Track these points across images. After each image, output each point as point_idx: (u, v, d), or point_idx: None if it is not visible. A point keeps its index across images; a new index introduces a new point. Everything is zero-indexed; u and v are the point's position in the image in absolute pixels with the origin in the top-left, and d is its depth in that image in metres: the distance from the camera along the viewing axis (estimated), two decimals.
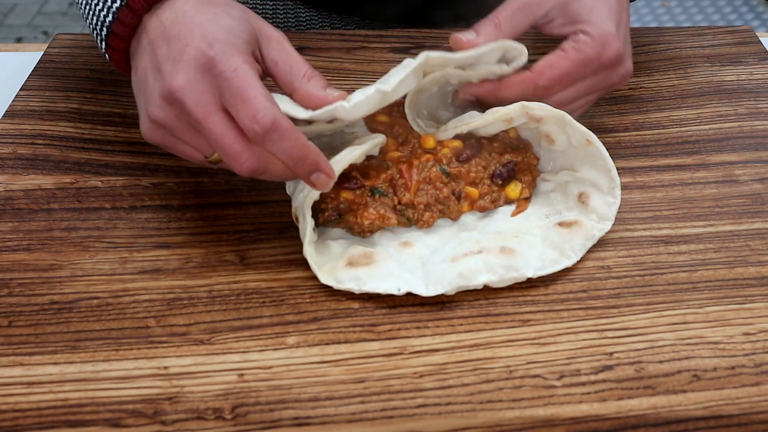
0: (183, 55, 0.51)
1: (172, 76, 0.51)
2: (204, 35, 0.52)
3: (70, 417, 0.46)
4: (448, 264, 0.53)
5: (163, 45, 0.53)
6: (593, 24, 0.59)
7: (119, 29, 0.55)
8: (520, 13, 0.61)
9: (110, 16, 0.55)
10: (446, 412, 0.46)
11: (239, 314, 0.52)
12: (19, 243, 0.57)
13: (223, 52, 0.51)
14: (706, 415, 0.47)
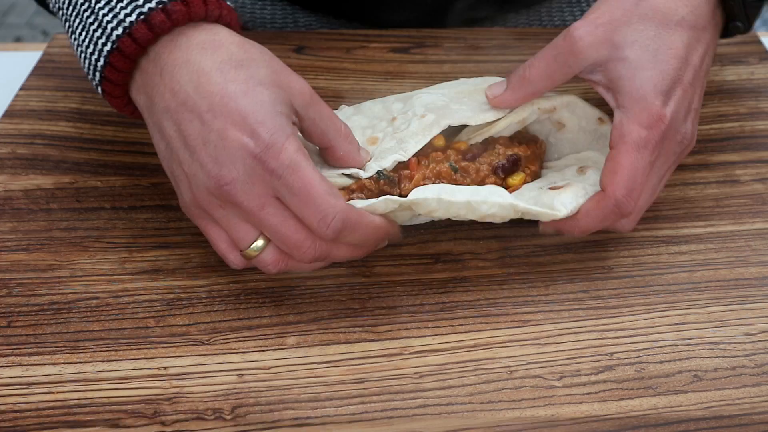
0: (224, 142, 0.48)
1: (218, 169, 0.48)
2: (244, 117, 0.48)
3: (69, 417, 0.46)
4: None
5: (193, 120, 0.49)
6: (633, 99, 0.52)
7: (112, 75, 0.52)
8: (555, 65, 0.54)
9: (101, 60, 0.52)
10: (446, 413, 0.46)
11: (239, 314, 0.52)
12: (18, 243, 0.57)
13: (271, 145, 0.47)
14: (707, 415, 0.47)
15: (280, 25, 0.90)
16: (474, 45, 0.78)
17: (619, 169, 0.51)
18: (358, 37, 0.80)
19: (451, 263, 0.56)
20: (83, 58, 0.54)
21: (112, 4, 0.51)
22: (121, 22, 0.50)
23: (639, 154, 0.52)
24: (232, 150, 0.47)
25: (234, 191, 0.48)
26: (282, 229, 0.49)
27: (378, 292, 0.54)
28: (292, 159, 0.47)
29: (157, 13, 0.50)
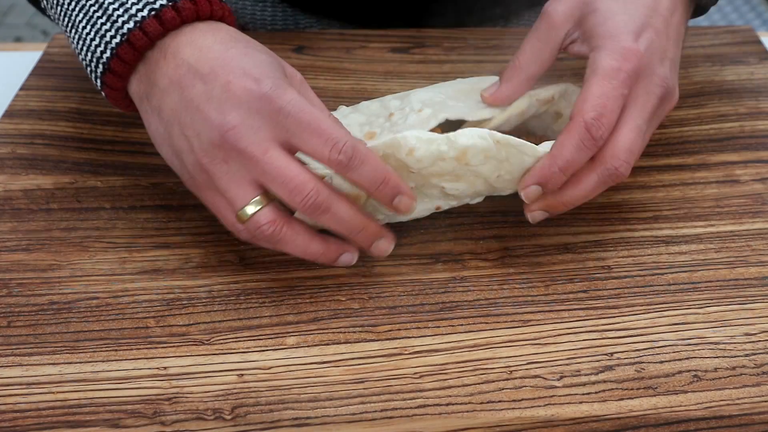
0: (228, 93, 0.49)
1: (222, 117, 0.49)
2: (246, 71, 0.49)
3: (69, 417, 0.46)
4: None
5: (196, 83, 0.50)
6: (605, 38, 0.54)
7: (118, 67, 0.53)
8: (539, 44, 0.57)
9: (108, 52, 0.53)
10: (446, 413, 0.46)
11: (239, 314, 0.52)
12: (18, 243, 0.57)
13: (276, 86, 0.49)
14: (707, 415, 0.47)
15: (281, 27, 0.90)
16: (474, 45, 0.78)
17: (588, 96, 0.52)
18: (358, 37, 0.80)
19: (451, 263, 0.56)
20: (85, 50, 0.54)
21: (123, 0, 0.53)
22: (133, 16, 0.52)
23: (609, 82, 0.53)
24: (237, 95, 0.49)
25: (238, 135, 0.48)
26: (285, 172, 0.48)
27: (378, 292, 0.54)
28: (298, 98, 0.49)
29: (168, 10, 0.52)
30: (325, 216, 0.50)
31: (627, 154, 0.53)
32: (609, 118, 0.52)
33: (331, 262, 0.53)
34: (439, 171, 0.53)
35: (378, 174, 0.50)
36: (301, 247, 0.51)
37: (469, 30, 0.81)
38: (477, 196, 0.57)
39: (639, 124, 0.54)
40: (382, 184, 0.50)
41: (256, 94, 0.49)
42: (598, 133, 0.52)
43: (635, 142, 0.53)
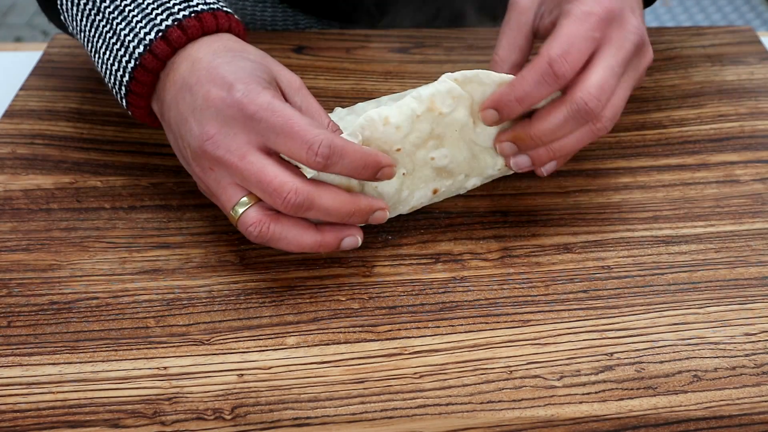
0: (206, 102, 0.50)
1: (200, 129, 0.50)
2: (223, 78, 0.50)
3: (69, 417, 0.46)
4: None
5: (185, 96, 0.52)
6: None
7: (137, 88, 0.55)
8: (513, 33, 0.58)
9: (126, 76, 0.55)
10: (446, 413, 0.46)
11: (239, 314, 0.52)
12: (18, 243, 0.57)
13: (248, 91, 0.50)
14: (707, 415, 0.47)
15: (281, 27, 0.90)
16: (474, 45, 0.78)
17: (557, 35, 0.53)
18: (358, 37, 0.80)
19: (451, 263, 0.56)
20: (108, 74, 0.57)
21: (132, 24, 0.55)
22: (142, 40, 0.54)
23: (580, 24, 0.53)
24: (214, 105, 0.50)
25: (215, 145, 0.50)
26: (262, 176, 0.49)
27: (378, 292, 0.54)
28: (270, 101, 0.49)
29: (173, 30, 0.54)
30: (311, 212, 0.50)
31: (597, 89, 0.52)
32: (575, 57, 0.52)
33: (335, 249, 0.53)
34: (420, 136, 0.53)
35: (358, 161, 0.50)
36: (294, 241, 0.51)
37: (469, 30, 0.81)
38: (470, 171, 0.57)
39: (611, 65, 0.53)
40: (363, 168, 0.50)
41: (228, 101, 0.50)
42: (560, 69, 0.52)
43: (607, 81, 0.53)
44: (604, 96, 0.53)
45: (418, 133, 0.53)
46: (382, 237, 0.58)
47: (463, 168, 0.56)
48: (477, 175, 0.57)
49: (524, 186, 0.62)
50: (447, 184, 0.57)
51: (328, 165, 0.49)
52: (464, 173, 0.57)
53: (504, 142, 0.55)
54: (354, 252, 0.57)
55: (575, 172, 0.64)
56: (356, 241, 0.53)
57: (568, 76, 0.52)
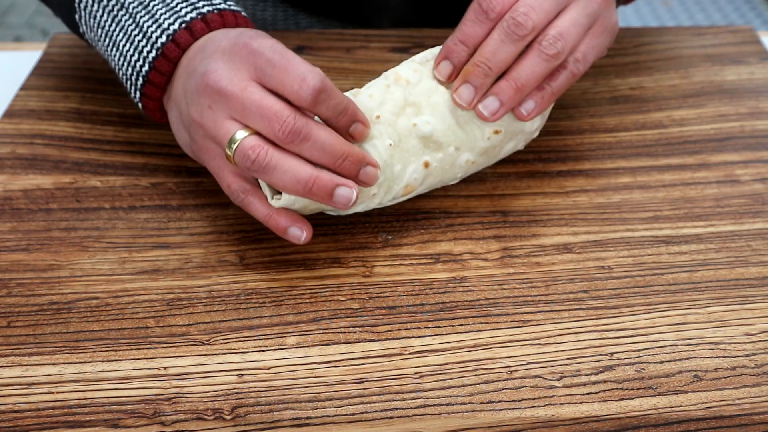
0: (216, 49, 0.53)
1: (205, 68, 0.52)
2: (230, 36, 0.53)
3: (69, 418, 0.46)
4: None
5: (197, 55, 0.54)
6: None
7: (155, 77, 0.57)
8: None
9: (146, 66, 0.57)
10: (446, 413, 0.46)
11: (239, 314, 0.52)
12: (17, 243, 0.57)
13: (255, 35, 0.52)
14: (707, 415, 0.47)
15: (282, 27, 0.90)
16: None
17: None
18: (358, 37, 0.80)
19: (451, 263, 0.56)
20: (126, 65, 0.58)
21: (156, 17, 0.57)
22: (165, 30, 0.56)
23: None
24: (222, 48, 0.52)
25: (217, 77, 0.51)
26: (262, 103, 0.50)
27: (378, 292, 0.54)
28: (274, 43, 0.51)
29: (197, 22, 0.56)
30: (306, 144, 0.50)
31: (526, 6, 0.54)
32: None
33: (328, 197, 0.51)
34: (396, 104, 0.55)
35: (341, 104, 0.51)
36: (290, 171, 0.50)
37: None
38: (458, 143, 0.56)
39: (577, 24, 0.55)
40: (343, 113, 0.51)
41: (237, 41, 0.52)
42: (488, 5, 0.54)
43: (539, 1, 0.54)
44: (535, 12, 0.54)
45: (393, 102, 0.55)
46: (382, 237, 0.58)
47: (450, 138, 0.56)
48: (468, 149, 0.57)
49: (524, 186, 0.62)
50: (438, 158, 0.56)
51: (317, 101, 0.50)
52: (453, 145, 0.56)
53: (458, 88, 0.55)
54: (354, 252, 0.57)
55: (575, 172, 0.64)
56: (350, 194, 0.51)
57: (497, 10, 0.54)
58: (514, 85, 0.55)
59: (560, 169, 0.64)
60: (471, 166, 0.58)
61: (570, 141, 0.67)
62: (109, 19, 0.59)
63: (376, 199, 0.55)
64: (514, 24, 0.54)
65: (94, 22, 0.61)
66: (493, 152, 0.59)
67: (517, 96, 0.55)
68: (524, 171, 0.64)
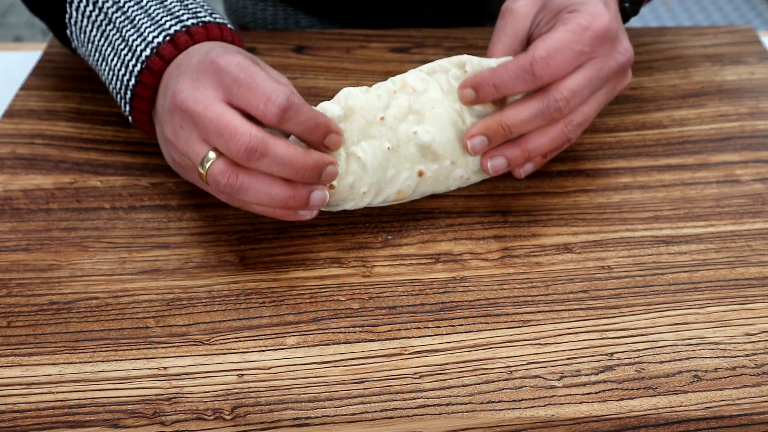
0: (184, 70, 0.53)
1: (175, 87, 0.52)
2: (201, 53, 0.53)
3: (69, 418, 0.46)
4: None
5: (173, 72, 0.54)
6: (578, 3, 0.57)
7: (142, 91, 0.57)
8: (508, 40, 0.59)
9: (132, 80, 0.57)
10: (446, 413, 0.46)
11: (239, 314, 0.52)
12: (17, 243, 0.57)
13: (224, 52, 0.52)
14: (707, 415, 0.47)
15: (282, 27, 0.90)
16: (474, 45, 0.78)
17: (549, 39, 0.55)
18: (358, 37, 0.80)
19: (451, 263, 0.56)
20: (115, 80, 0.59)
21: (141, 30, 0.57)
22: (149, 43, 0.56)
23: (573, 35, 0.55)
24: (191, 67, 0.53)
25: (184, 96, 0.51)
26: (219, 121, 0.49)
27: (378, 292, 0.54)
28: (241, 61, 0.51)
29: (181, 35, 0.56)
30: (265, 160, 0.50)
31: (569, 92, 0.55)
32: (558, 64, 0.54)
33: (304, 205, 0.52)
34: (400, 110, 0.55)
35: (310, 120, 0.51)
36: (263, 192, 0.50)
37: (469, 30, 0.81)
38: (455, 157, 0.57)
39: (591, 76, 0.56)
40: (315, 127, 0.51)
41: (204, 59, 0.52)
42: (540, 71, 0.54)
43: (581, 86, 0.55)
44: (575, 100, 0.55)
45: (397, 106, 0.55)
46: (382, 237, 0.58)
47: (447, 151, 0.56)
48: (463, 165, 0.57)
49: (524, 186, 0.62)
50: (433, 169, 0.57)
51: (283, 119, 0.50)
52: (450, 159, 0.57)
53: (475, 137, 0.56)
54: (354, 252, 0.57)
55: (575, 172, 0.64)
56: (324, 196, 0.52)
57: (545, 80, 0.54)
58: (527, 155, 0.57)
59: (560, 169, 0.64)
60: (464, 182, 0.59)
61: None
62: (98, 33, 0.60)
63: (366, 199, 0.56)
64: (555, 108, 0.55)
65: (84, 37, 0.61)
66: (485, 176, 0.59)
67: (523, 162, 0.57)
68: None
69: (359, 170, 0.54)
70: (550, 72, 0.54)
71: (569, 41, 0.55)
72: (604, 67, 0.56)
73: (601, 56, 0.56)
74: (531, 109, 0.55)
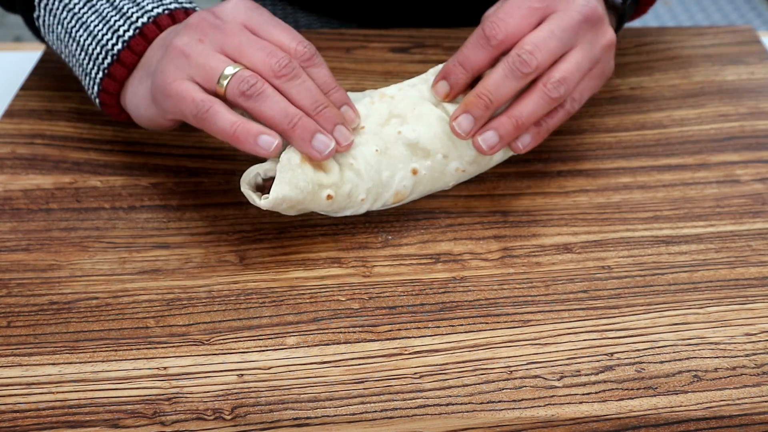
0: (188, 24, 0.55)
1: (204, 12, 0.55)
2: None
3: (69, 418, 0.46)
4: None
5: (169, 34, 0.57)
6: None
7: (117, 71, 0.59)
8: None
9: (109, 58, 0.58)
10: (446, 413, 0.46)
11: (239, 314, 0.52)
12: (17, 243, 0.57)
13: None
14: (707, 415, 0.47)
15: None
16: None
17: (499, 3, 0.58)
18: (358, 37, 0.80)
19: (451, 263, 0.56)
20: (87, 59, 0.60)
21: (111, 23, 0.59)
22: (133, 24, 0.58)
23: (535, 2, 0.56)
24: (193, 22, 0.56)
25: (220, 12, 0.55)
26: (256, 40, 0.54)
27: (378, 292, 0.54)
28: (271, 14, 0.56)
29: (164, 17, 0.58)
30: (296, 81, 0.53)
31: (531, 44, 0.55)
32: (510, 21, 0.55)
33: (308, 139, 0.52)
34: (381, 117, 0.56)
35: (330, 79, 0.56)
36: (280, 105, 0.52)
37: (469, 30, 0.80)
38: (446, 150, 0.57)
39: (552, 28, 0.55)
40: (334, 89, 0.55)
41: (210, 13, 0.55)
42: (492, 31, 0.55)
43: (545, 40, 0.55)
44: (541, 53, 0.55)
45: (377, 114, 0.57)
46: (382, 237, 0.58)
47: (437, 146, 0.56)
48: (456, 157, 0.57)
49: (524, 186, 0.62)
50: (426, 165, 0.57)
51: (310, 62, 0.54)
52: (441, 153, 0.57)
53: (458, 117, 0.56)
54: (354, 252, 0.57)
55: (575, 172, 0.64)
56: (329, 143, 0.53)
57: (499, 38, 0.55)
58: (515, 123, 0.56)
59: (560, 169, 0.64)
60: (462, 175, 0.59)
61: (570, 141, 0.67)
62: (68, 15, 0.61)
63: (365, 205, 0.56)
64: (519, 62, 0.54)
65: (54, 20, 0.62)
66: (483, 161, 0.59)
67: (515, 132, 0.56)
68: (524, 171, 0.64)
69: (354, 177, 0.54)
70: (502, 30, 0.55)
71: (518, 3, 0.56)
72: (566, 19, 0.56)
73: (559, 10, 0.56)
74: (500, 70, 0.55)
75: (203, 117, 0.52)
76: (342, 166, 0.54)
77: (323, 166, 0.54)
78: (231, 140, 0.52)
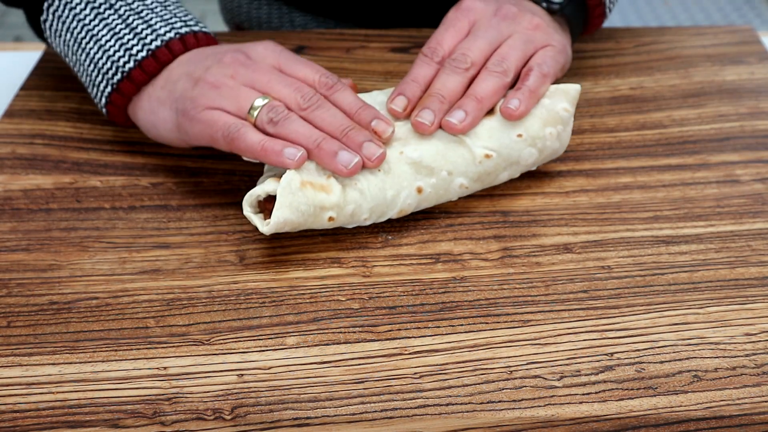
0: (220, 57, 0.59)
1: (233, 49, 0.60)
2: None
3: (69, 418, 0.46)
4: None
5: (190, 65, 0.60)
6: None
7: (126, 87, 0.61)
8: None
9: (119, 74, 0.61)
10: (446, 413, 0.46)
11: (239, 314, 0.52)
12: (17, 243, 0.57)
13: None
14: (707, 415, 0.47)
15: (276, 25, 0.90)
16: None
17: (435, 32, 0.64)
18: (358, 37, 0.80)
19: (451, 263, 0.56)
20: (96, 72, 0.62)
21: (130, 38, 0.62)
22: (141, 49, 0.61)
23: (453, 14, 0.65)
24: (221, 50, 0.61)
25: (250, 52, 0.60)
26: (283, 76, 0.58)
27: (378, 292, 0.54)
28: None
29: (175, 42, 0.61)
30: (320, 111, 0.56)
31: (463, 48, 0.61)
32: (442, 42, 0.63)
33: (332, 156, 0.54)
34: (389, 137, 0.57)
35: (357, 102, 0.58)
36: (305, 128, 0.55)
37: None
38: (451, 167, 0.57)
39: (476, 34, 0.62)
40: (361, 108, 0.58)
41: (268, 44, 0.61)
42: (432, 51, 0.62)
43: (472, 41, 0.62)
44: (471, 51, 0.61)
45: None
46: (382, 237, 0.58)
47: (440, 162, 0.57)
48: (461, 174, 0.58)
49: (524, 186, 0.63)
50: (431, 183, 0.57)
51: (333, 90, 0.58)
52: (445, 170, 0.57)
53: (418, 113, 0.58)
54: (354, 252, 0.57)
55: (575, 172, 0.64)
56: (352, 158, 0.55)
57: (440, 53, 0.62)
58: (475, 98, 0.59)
59: (560, 169, 0.64)
60: (466, 191, 0.59)
61: (570, 141, 0.67)
62: (78, 26, 0.63)
63: (368, 222, 0.57)
64: (455, 61, 0.61)
65: (62, 27, 0.63)
66: (488, 179, 0.59)
67: (479, 106, 0.59)
68: (524, 171, 0.64)
69: (358, 197, 0.55)
70: (442, 47, 0.62)
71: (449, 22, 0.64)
72: (484, 22, 0.63)
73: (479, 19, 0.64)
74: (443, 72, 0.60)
75: (234, 136, 0.55)
76: (345, 187, 0.55)
77: (325, 187, 0.54)
78: (259, 154, 0.55)
